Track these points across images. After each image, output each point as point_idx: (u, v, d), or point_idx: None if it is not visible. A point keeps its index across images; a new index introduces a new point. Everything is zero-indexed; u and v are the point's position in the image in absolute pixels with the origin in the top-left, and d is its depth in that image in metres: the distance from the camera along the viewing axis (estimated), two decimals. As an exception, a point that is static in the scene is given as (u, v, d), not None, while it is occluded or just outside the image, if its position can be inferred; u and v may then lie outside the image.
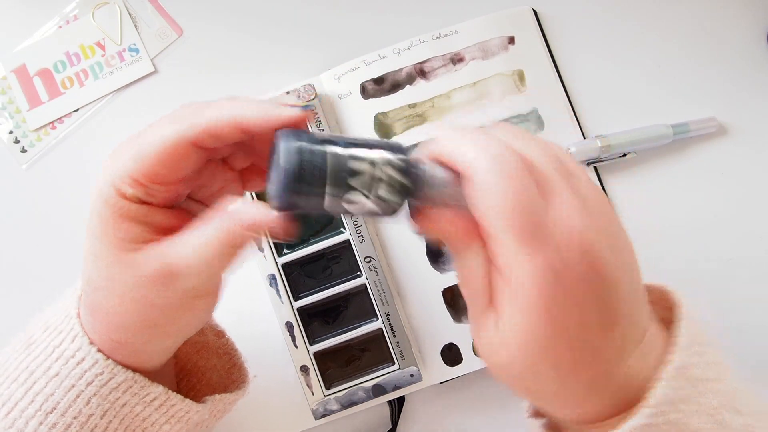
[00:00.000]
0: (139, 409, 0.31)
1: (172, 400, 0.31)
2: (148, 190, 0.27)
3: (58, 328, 0.30)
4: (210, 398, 0.33)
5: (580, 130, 0.47)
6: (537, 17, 0.49)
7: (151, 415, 0.31)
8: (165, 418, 0.31)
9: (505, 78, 0.47)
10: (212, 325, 0.38)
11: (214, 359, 0.38)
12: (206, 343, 0.37)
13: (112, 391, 0.30)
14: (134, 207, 0.27)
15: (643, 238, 0.47)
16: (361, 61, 0.47)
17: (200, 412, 0.32)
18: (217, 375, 0.37)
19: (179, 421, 0.32)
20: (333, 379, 0.44)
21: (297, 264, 0.45)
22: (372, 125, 0.47)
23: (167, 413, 0.31)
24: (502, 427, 0.45)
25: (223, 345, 0.38)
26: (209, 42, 0.49)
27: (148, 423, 0.31)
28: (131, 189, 0.26)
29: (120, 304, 0.28)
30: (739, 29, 0.49)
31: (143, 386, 0.30)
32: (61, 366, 0.29)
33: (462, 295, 0.28)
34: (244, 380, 0.37)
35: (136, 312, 0.28)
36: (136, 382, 0.30)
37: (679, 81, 0.49)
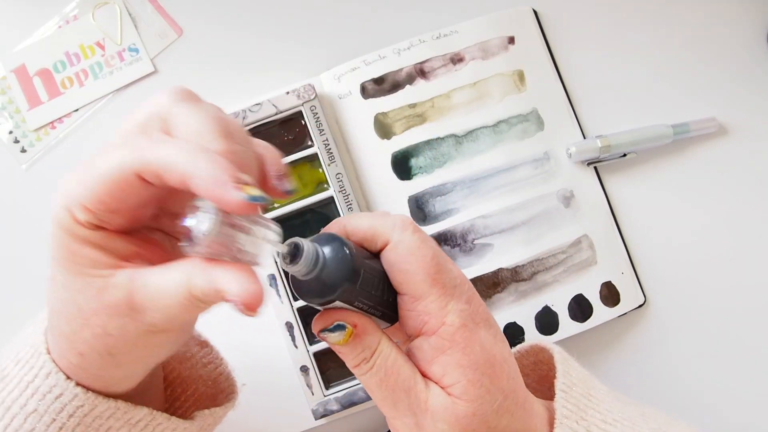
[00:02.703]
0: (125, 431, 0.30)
1: (157, 420, 0.31)
2: (100, 216, 0.25)
3: (29, 363, 0.29)
4: (198, 414, 0.33)
5: (580, 130, 0.47)
6: (537, 17, 0.49)
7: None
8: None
9: (505, 78, 0.47)
10: (195, 336, 0.37)
11: (200, 369, 0.37)
12: (190, 354, 0.37)
13: (95, 419, 0.29)
14: (89, 232, 0.25)
15: (643, 238, 0.47)
16: (361, 61, 0.47)
17: (188, 429, 0.32)
18: (204, 385, 0.37)
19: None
20: (333, 379, 0.44)
21: (297, 264, 0.45)
22: (372, 125, 0.47)
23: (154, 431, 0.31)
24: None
25: (207, 354, 0.37)
26: (209, 42, 0.49)
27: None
28: (83, 215, 0.25)
29: (75, 330, 0.27)
30: (739, 29, 0.49)
31: (126, 411, 0.30)
32: (38, 402, 0.28)
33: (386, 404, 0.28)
34: (232, 390, 0.37)
35: (92, 339, 0.27)
36: (118, 409, 0.29)
37: (679, 81, 0.49)
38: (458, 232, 0.46)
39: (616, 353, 0.46)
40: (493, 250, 0.45)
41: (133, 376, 0.30)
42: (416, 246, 0.27)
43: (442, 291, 0.27)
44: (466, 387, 0.26)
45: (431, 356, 0.27)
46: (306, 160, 0.46)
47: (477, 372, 0.26)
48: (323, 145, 0.45)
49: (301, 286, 0.26)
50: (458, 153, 0.46)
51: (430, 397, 0.26)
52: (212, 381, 0.37)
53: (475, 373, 0.26)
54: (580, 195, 0.46)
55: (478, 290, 0.45)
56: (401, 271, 0.27)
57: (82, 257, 0.26)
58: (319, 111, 0.45)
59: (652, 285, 0.47)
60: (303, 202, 0.45)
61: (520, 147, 0.46)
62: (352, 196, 0.45)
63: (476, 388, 0.26)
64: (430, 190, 0.46)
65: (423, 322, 0.27)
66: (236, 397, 0.36)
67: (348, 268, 0.26)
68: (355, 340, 0.27)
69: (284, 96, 0.45)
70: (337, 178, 0.45)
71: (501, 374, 0.27)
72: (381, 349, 0.27)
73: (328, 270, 0.26)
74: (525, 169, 0.46)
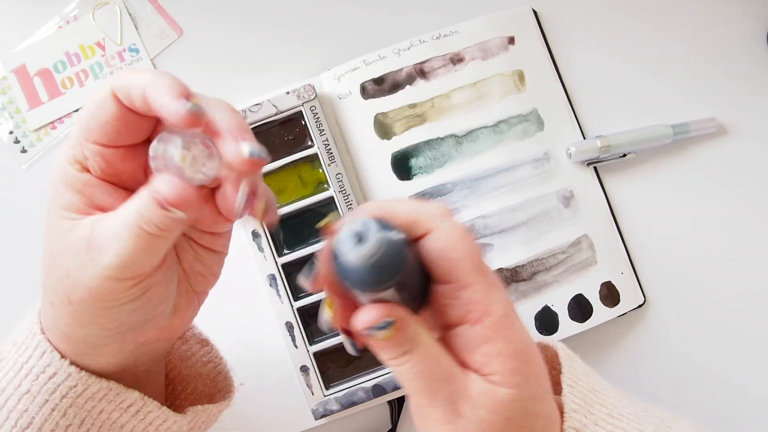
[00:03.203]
0: (116, 416, 0.30)
1: (148, 407, 0.31)
2: (87, 153, 0.27)
3: (24, 344, 0.30)
4: (191, 409, 0.33)
5: (580, 130, 0.47)
6: (537, 17, 0.49)
7: (128, 422, 0.31)
8: (143, 425, 0.31)
9: (505, 78, 0.47)
10: (196, 334, 0.37)
11: (199, 368, 0.37)
12: (191, 352, 0.37)
13: (87, 401, 0.29)
14: (76, 174, 0.27)
15: (643, 238, 0.47)
16: (361, 61, 0.47)
17: (178, 422, 0.32)
18: (203, 384, 0.37)
19: (158, 429, 0.31)
20: (333, 379, 0.44)
21: (297, 264, 0.45)
22: (372, 125, 0.47)
23: (144, 420, 0.31)
24: (502, 427, 0.45)
25: (207, 353, 0.37)
26: (209, 42, 0.49)
27: (127, 430, 0.31)
28: (72, 150, 0.27)
29: (47, 275, 0.28)
30: (739, 29, 0.49)
31: (118, 393, 0.30)
32: (32, 382, 0.29)
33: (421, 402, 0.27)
34: (229, 389, 0.37)
35: (56, 282, 0.27)
36: (111, 390, 0.30)
37: (679, 81, 0.49)
38: (458, 232, 0.46)
39: (616, 353, 0.46)
40: (493, 250, 0.45)
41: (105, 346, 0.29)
42: (462, 234, 0.26)
43: (486, 280, 0.26)
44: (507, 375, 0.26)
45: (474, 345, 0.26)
46: (306, 160, 0.46)
47: (517, 360, 0.26)
48: (323, 145, 0.45)
49: (353, 273, 0.24)
50: (458, 153, 0.46)
51: (470, 385, 0.26)
52: (211, 380, 0.37)
53: (515, 361, 0.26)
54: (580, 195, 0.46)
55: (478, 290, 0.45)
56: (448, 259, 0.26)
57: (62, 200, 0.27)
58: (319, 111, 0.45)
59: (651, 285, 0.47)
60: (303, 202, 0.45)
61: (520, 147, 0.47)
62: (352, 196, 0.45)
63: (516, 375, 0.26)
64: (430, 190, 0.46)
65: (467, 311, 0.26)
66: (232, 396, 0.36)
67: (405, 255, 0.24)
68: (398, 333, 0.26)
69: (284, 96, 0.45)
70: (337, 178, 0.45)
71: (535, 361, 0.27)
72: (422, 340, 0.26)
73: (388, 256, 0.24)
74: (525, 169, 0.46)
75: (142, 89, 0.26)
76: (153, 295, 0.28)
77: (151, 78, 0.26)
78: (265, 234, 0.45)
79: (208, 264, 0.31)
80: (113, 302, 0.27)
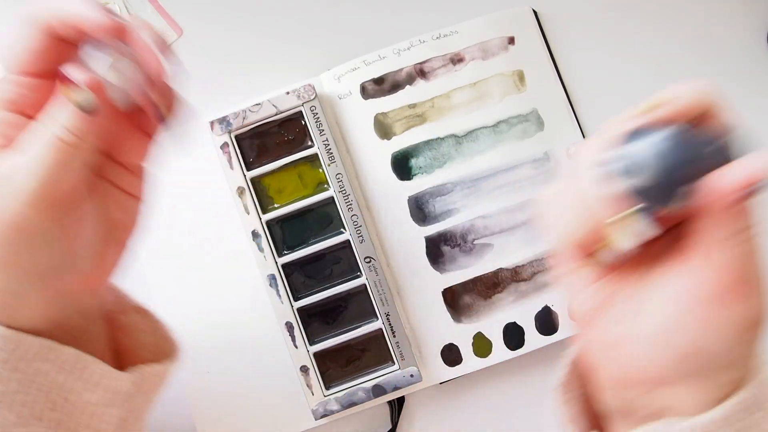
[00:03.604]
0: (54, 376, 0.30)
1: (84, 362, 0.30)
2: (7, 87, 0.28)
3: None
4: (133, 368, 0.32)
5: (580, 130, 0.47)
6: (537, 17, 0.49)
7: (67, 382, 0.30)
8: (84, 385, 0.30)
9: (505, 78, 0.47)
10: (134, 305, 0.37)
11: (143, 338, 0.36)
12: (131, 323, 0.36)
13: (21, 360, 0.29)
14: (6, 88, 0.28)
15: (643, 238, 0.47)
16: (361, 61, 0.47)
17: (120, 380, 0.31)
18: (148, 352, 0.36)
19: (101, 388, 0.31)
20: (333, 379, 0.44)
21: (297, 264, 0.45)
22: (372, 125, 0.47)
23: (84, 379, 0.30)
24: (502, 427, 0.45)
25: (148, 322, 0.37)
26: (209, 42, 0.49)
27: (70, 393, 0.30)
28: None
29: None
30: (739, 29, 0.49)
31: (53, 349, 0.29)
32: None
33: None
34: (175, 352, 0.36)
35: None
36: (43, 347, 0.29)
37: (679, 81, 0.49)
38: (458, 232, 0.46)
39: (616, 353, 0.46)
40: (493, 250, 0.45)
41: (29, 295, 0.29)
42: None
43: None
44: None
45: None
46: (306, 160, 0.46)
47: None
48: (323, 145, 0.45)
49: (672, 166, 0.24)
50: (458, 153, 0.46)
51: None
52: (155, 346, 0.36)
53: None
54: (580, 195, 0.46)
55: (478, 290, 0.45)
56: None
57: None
58: (319, 111, 0.45)
59: (652, 285, 0.47)
60: (303, 202, 0.45)
61: (520, 147, 0.47)
62: (352, 196, 0.45)
63: None
64: (430, 190, 0.46)
65: None
66: (177, 357, 0.36)
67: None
68: None
69: (284, 96, 0.45)
70: (337, 178, 0.45)
71: None
72: None
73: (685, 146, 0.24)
74: (525, 169, 0.46)
75: (64, 11, 0.27)
76: (71, 228, 0.29)
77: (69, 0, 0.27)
78: (265, 234, 0.45)
79: (127, 210, 0.32)
80: (34, 233, 0.27)
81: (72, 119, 0.27)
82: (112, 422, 0.32)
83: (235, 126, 0.45)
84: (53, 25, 0.27)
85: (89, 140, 0.28)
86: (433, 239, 0.46)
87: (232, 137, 0.45)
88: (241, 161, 0.45)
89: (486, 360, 0.44)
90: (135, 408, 0.33)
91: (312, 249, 0.45)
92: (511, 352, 0.44)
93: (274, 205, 0.46)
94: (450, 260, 0.45)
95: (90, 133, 0.28)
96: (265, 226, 0.45)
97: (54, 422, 0.30)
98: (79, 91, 0.27)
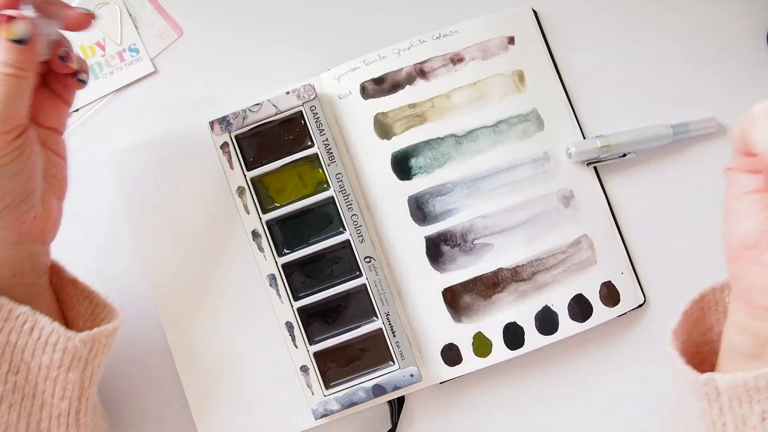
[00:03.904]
0: (14, 338, 0.32)
1: (41, 322, 0.33)
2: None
3: None
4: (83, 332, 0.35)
5: (580, 130, 0.47)
6: (537, 17, 0.49)
7: (27, 344, 0.33)
8: (41, 346, 0.33)
9: (505, 78, 0.47)
10: (67, 276, 0.39)
11: (78, 307, 0.39)
12: (67, 294, 0.39)
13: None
14: None
15: (643, 238, 0.47)
16: (361, 61, 0.47)
17: (72, 339, 0.34)
18: (84, 321, 0.39)
19: (56, 349, 0.33)
20: (333, 379, 0.44)
21: (297, 264, 0.45)
22: (372, 125, 0.47)
23: (40, 340, 0.33)
24: (501, 427, 0.45)
25: (80, 291, 0.39)
26: (209, 42, 0.49)
27: (28, 354, 0.32)
28: None
29: None
30: (739, 29, 0.49)
31: (11, 309, 0.32)
32: None
33: None
34: (113, 315, 0.38)
35: None
36: (3, 306, 0.32)
37: (679, 81, 0.49)
38: (458, 232, 0.46)
39: (616, 353, 0.46)
40: (493, 250, 0.45)
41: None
42: None
43: None
44: None
45: None
46: (306, 160, 0.46)
47: None
48: (323, 145, 0.45)
49: None
50: (458, 153, 0.46)
51: None
52: (91, 314, 0.39)
53: None
54: (580, 195, 0.46)
55: (478, 290, 0.45)
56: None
57: None
58: (319, 111, 0.45)
59: (652, 285, 0.47)
60: (303, 202, 0.45)
61: (520, 147, 0.47)
62: (352, 196, 0.45)
63: None
64: (430, 190, 0.46)
65: None
66: (118, 318, 0.38)
67: None
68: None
69: (284, 96, 0.45)
70: (337, 178, 0.45)
71: None
72: None
73: None
74: (525, 169, 0.46)
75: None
76: (28, 159, 0.33)
77: None
78: (265, 234, 0.45)
79: (57, 167, 0.38)
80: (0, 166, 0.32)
81: (11, 54, 0.32)
82: (69, 389, 0.34)
83: (235, 126, 0.45)
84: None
85: (29, 70, 0.33)
86: (433, 239, 0.46)
87: (232, 137, 0.45)
88: (241, 161, 0.45)
89: (486, 360, 0.44)
90: (89, 374, 0.35)
91: (312, 249, 0.45)
92: (511, 352, 0.44)
93: (274, 205, 0.46)
94: (450, 260, 0.45)
95: (28, 64, 0.33)
96: (265, 226, 0.45)
97: (11, 384, 0.32)
98: (15, 23, 0.32)
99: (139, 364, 0.45)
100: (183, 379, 0.44)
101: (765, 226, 0.29)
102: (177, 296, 0.45)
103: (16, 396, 0.32)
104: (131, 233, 0.46)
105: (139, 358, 0.45)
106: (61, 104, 0.38)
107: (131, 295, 0.44)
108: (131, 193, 0.46)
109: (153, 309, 0.45)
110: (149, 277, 0.45)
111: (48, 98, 0.37)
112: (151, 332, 0.45)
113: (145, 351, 0.45)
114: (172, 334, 0.45)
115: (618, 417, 0.45)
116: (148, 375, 0.45)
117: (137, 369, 0.45)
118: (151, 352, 0.45)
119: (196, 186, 0.46)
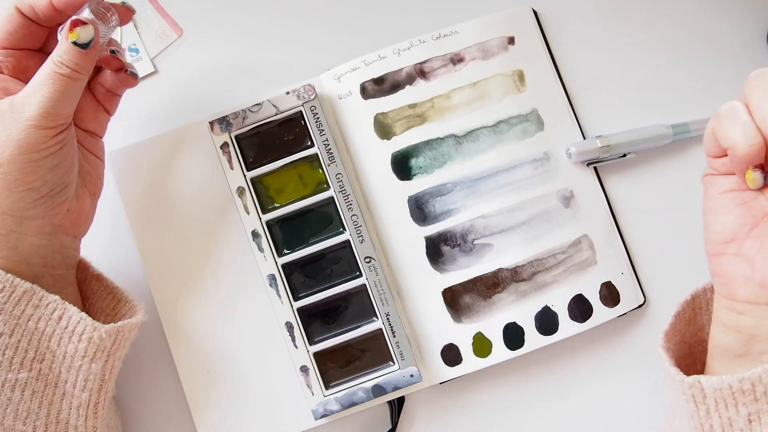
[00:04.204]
0: (42, 326, 0.33)
1: (69, 312, 0.34)
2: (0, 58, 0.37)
3: None
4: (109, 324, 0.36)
5: (580, 130, 0.47)
6: (537, 17, 0.49)
7: (54, 332, 0.33)
8: (67, 335, 0.34)
9: (505, 78, 0.47)
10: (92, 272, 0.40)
11: (101, 303, 0.40)
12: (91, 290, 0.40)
13: (15, 306, 0.32)
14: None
15: (643, 238, 0.47)
16: (361, 61, 0.47)
17: (98, 330, 0.34)
18: (105, 316, 0.40)
19: (81, 339, 0.34)
20: (333, 379, 0.44)
21: (297, 264, 0.45)
22: (372, 125, 0.47)
23: (68, 329, 0.34)
24: (502, 427, 0.45)
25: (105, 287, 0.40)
26: (209, 42, 0.49)
27: (54, 343, 0.33)
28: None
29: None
30: (739, 29, 0.49)
31: (42, 297, 0.33)
32: None
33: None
34: (134, 310, 0.39)
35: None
36: (35, 293, 0.33)
37: (679, 81, 0.49)
38: (458, 232, 0.46)
39: (616, 353, 0.46)
40: (493, 250, 0.45)
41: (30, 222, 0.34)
42: None
43: None
44: None
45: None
46: (306, 160, 0.46)
47: None
48: (323, 145, 0.45)
49: None
50: (458, 153, 0.46)
51: None
52: (112, 310, 0.40)
53: None
54: (580, 195, 0.46)
55: (477, 290, 0.45)
56: None
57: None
58: (319, 111, 0.45)
59: (652, 285, 0.47)
60: (303, 202, 0.45)
61: (520, 147, 0.47)
62: (352, 196, 0.45)
63: None
64: (430, 190, 0.46)
65: None
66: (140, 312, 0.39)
67: None
68: None
69: (284, 96, 0.45)
70: (337, 178, 0.45)
71: None
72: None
73: None
74: (525, 169, 0.46)
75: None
76: (68, 154, 0.35)
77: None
78: (265, 234, 0.45)
79: (93, 166, 0.40)
80: (39, 154, 0.34)
81: (71, 56, 0.34)
82: (91, 380, 0.35)
83: (235, 126, 0.45)
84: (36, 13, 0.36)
85: (85, 73, 0.35)
86: (433, 239, 0.46)
87: (232, 137, 0.45)
88: (241, 161, 0.45)
89: (486, 360, 0.44)
90: (110, 367, 0.36)
91: (312, 249, 0.45)
92: (511, 352, 0.44)
93: (274, 205, 0.46)
94: (450, 260, 0.45)
95: (85, 68, 0.35)
96: (265, 226, 0.45)
97: (35, 372, 0.33)
98: (83, 28, 0.34)
99: (139, 363, 0.45)
100: (183, 379, 0.44)
101: (741, 220, 0.31)
102: (177, 296, 0.45)
103: (39, 384, 0.33)
104: (131, 233, 0.46)
105: (138, 358, 0.45)
106: (102, 112, 0.41)
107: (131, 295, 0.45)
108: (131, 193, 0.46)
109: (153, 309, 0.45)
110: (149, 277, 0.45)
111: (90, 104, 0.40)
112: (150, 332, 0.45)
113: (145, 351, 0.45)
114: (172, 334, 0.45)
115: (618, 417, 0.45)
116: (148, 375, 0.45)
117: (137, 369, 0.45)
118: (151, 352, 0.45)
119: (196, 186, 0.46)
